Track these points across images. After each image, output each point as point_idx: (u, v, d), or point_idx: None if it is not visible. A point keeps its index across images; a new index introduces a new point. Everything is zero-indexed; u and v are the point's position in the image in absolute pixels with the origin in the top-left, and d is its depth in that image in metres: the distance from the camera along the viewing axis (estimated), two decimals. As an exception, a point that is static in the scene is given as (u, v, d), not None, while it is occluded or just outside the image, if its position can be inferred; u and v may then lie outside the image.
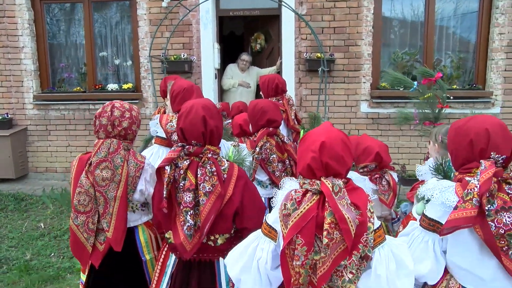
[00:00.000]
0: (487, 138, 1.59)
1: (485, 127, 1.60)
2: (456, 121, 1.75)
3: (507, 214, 1.50)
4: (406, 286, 1.47)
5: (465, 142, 1.63)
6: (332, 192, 1.45)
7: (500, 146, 1.58)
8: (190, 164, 1.83)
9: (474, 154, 1.61)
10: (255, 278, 1.60)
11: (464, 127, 1.65)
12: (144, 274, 2.19)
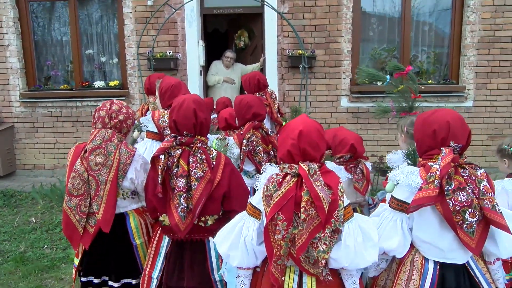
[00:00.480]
0: (448, 129, 1.82)
1: (446, 120, 1.83)
2: (422, 113, 1.98)
3: (461, 193, 1.74)
4: (372, 255, 1.70)
5: (429, 132, 1.86)
6: (308, 174, 1.66)
7: (458, 136, 1.82)
8: (182, 153, 2.03)
9: (436, 143, 1.85)
10: (243, 253, 1.80)
11: (429, 119, 1.88)
12: (135, 258, 2.37)
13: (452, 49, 6.50)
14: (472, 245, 1.75)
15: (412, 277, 1.86)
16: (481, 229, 1.77)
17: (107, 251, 2.31)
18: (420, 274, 1.85)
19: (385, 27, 6.66)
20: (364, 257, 1.69)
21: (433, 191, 1.71)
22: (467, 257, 1.86)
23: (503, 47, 6.25)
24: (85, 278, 2.37)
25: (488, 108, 6.44)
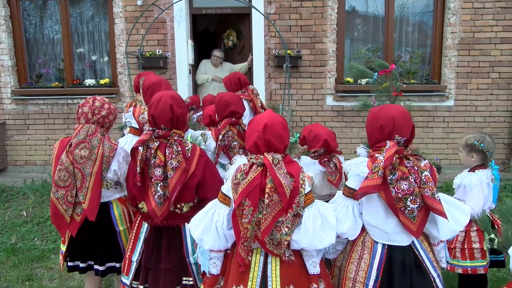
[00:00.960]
0: (393, 123, 2.01)
1: (392, 115, 2.02)
2: (372, 108, 2.15)
3: (404, 182, 1.92)
4: (329, 238, 1.88)
5: (377, 126, 2.05)
6: (272, 164, 1.83)
7: (403, 130, 2.00)
8: (160, 145, 2.19)
9: (383, 136, 2.03)
10: (214, 237, 1.97)
11: (377, 114, 2.06)
12: (119, 243, 2.54)
13: (434, 49, 6.70)
14: (413, 229, 1.94)
15: (363, 256, 2.05)
16: (422, 214, 1.96)
17: (92, 237, 2.47)
18: (370, 253, 2.04)
19: (370, 28, 6.85)
20: (322, 239, 1.86)
21: (377, 180, 1.88)
22: (410, 240, 2.04)
23: (482, 48, 6.46)
24: (72, 263, 2.53)
25: (469, 107, 6.65)
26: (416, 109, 6.64)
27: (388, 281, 2.01)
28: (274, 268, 1.90)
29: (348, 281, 2.09)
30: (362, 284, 2.03)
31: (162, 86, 2.85)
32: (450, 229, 2.03)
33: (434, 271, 2.07)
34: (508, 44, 6.43)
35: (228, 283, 1.96)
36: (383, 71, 3.55)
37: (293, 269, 1.91)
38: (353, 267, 2.09)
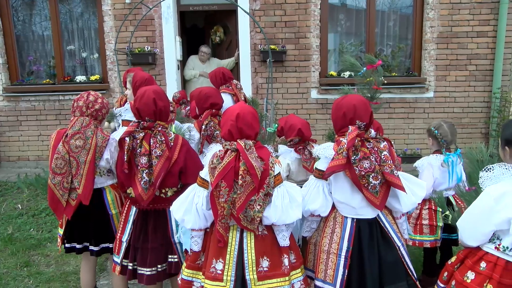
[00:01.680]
0: (354, 111, 2.25)
1: (353, 103, 2.26)
2: (336, 99, 2.39)
3: (366, 161, 2.16)
4: (296, 214, 2.12)
5: (341, 114, 2.29)
6: (244, 149, 2.06)
7: (363, 116, 2.25)
8: (145, 136, 2.40)
9: (346, 122, 2.28)
10: (195, 217, 2.19)
11: (340, 103, 2.31)
12: (111, 226, 2.76)
13: (414, 43, 6.94)
14: (376, 203, 2.19)
15: (335, 230, 2.30)
16: (384, 190, 2.21)
17: (87, 220, 2.69)
18: (341, 227, 2.30)
19: (352, 23, 7.07)
20: (290, 215, 2.10)
21: (341, 160, 2.13)
22: (375, 213, 2.29)
23: (460, 41, 6.71)
24: (69, 245, 2.75)
25: (448, 98, 6.91)
26: (398, 101, 6.92)
27: (359, 251, 2.27)
28: (249, 242, 2.14)
29: (323, 254, 2.33)
30: (335, 255, 2.28)
31: (152, 82, 3.05)
32: (410, 202, 2.30)
33: (399, 240, 2.33)
34: (484, 38, 6.69)
35: (208, 258, 2.19)
36: (370, 66, 3.76)
37: (266, 243, 2.14)
38: (327, 241, 2.33)
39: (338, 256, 2.26)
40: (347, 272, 2.24)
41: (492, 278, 1.99)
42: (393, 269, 2.26)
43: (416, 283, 2.35)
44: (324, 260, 2.30)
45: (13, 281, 3.50)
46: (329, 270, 2.27)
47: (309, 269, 2.44)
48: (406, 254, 2.34)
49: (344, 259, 2.25)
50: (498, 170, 2.03)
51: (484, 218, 1.99)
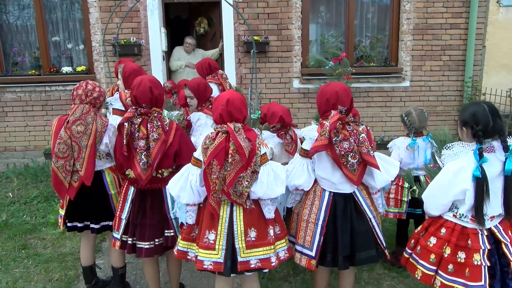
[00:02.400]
0: (337, 96, 2.51)
1: (335, 90, 2.52)
2: (320, 86, 2.64)
3: (346, 143, 2.43)
4: (280, 189, 2.38)
5: (324, 99, 2.54)
6: (234, 131, 2.29)
7: (344, 101, 2.51)
8: (142, 121, 2.61)
9: (329, 107, 2.53)
10: (190, 193, 2.42)
11: (324, 90, 2.56)
12: (110, 205, 2.97)
13: (391, 35, 7.24)
14: (354, 179, 2.46)
15: (314, 202, 2.59)
16: (361, 168, 2.49)
17: (88, 201, 2.89)
18: (320, 200, 2.57)
19: (333, 15, 7.32)
20: (274, 190, 2.35)
21: (324, 141, 2.39)
22: (353, 189, 2.58)
23: (434, 33, 7.04)
24: (71, 224, 2.95)
25: (423, 87, 7.25)
26: (376, 90, 7.23)
27: (333, 221, 2.55)
28: (238, 215, 2.38)
29: (303, 223, 2.62)
30: (313, 224, 2.57)
31: (142, 73, 3.25)
32: (383, 179, 2.59)
33: (371, 213, 2.62)
34: (457, 30, 7.03)
35: (202, 229, 2.43)
36: (336, 59, 4.03)
37: (253, 215, 2.39)
38: (307, 211, 2.61)
39: (316, 225, 2.55)
40: (322, 239, 2.53)
41: (450, 241, 2.29)
42: (364, 238, 2.55)
43: (384, 251, 2.65)
44: (303, 228, 2.59)
45: (13, 262, 3.68)
46: (307, 236, 2.56)
47: (291, 235, 2.72)
48: (377, 226, 2.63)
49: (321, 228, 2.54)
50: (457, 148, 2.32)
51: (444, 190, 2.28)
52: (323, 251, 2.57)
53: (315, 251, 2.56)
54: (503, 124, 2.27)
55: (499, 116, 2.25)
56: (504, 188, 2.24)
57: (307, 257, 2.60)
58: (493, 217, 2.27)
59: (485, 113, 2.22)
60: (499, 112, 2.29)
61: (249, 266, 2.37)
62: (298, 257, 2.64)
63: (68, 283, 3.37)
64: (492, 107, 2.27)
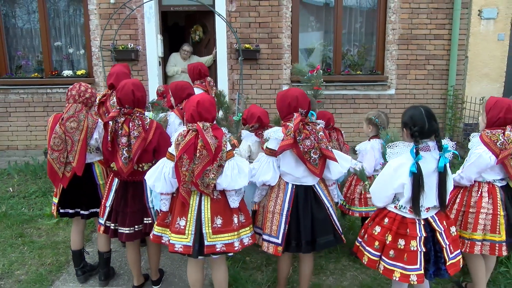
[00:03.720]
0: (297, 100, 2.83)
1: (295, 95, 2.84)
2: (279, 92, 2.96)
3: (307, 141, 2.75)
4: (243, 182, 2.69)
5: (286, 103, 2.86)
6: (202, 129, 2.62)
7: (303, 105, 2.83)
8: (125, 120, 2.94)
9: (291, 110, 2.85)
10: (163, 183, 2.73)
11: (285, 95, 2.88)
12: (98, 194, 3.31)
13: (378, 44, 7.57)
14: (317, 172, 2.79)
15: (279, 195, 2.90)
16: (321, 162, 2.81)
17: (79, 189, 3.23)
18: (283, 192, 2.90)
19: (322, 25, 7.67)
20: (238, 182, 2.67)
21: (290, 140, 2.71)
22: (315, 181, 2.90)
23: (419, 43, 7.37)
24: (63, 210, 3.29)
25: (408, 95, 7.56)
26: (362, 97, 7.55)
27: (296, 211, 2.87)
28: (206, 204, 2.70)
29: (269, 214, 2.92)
30: (278, 214, 2.88)
31: (121, 76, 3.61)
32: (338, 171, 2.92)
33: (328, 202, 2.94)
34: (440, 40, 7.36)
35: (174, 216, 2.75)
36: (312, 70, 4.37)
37: (219, 204, 2.71)
38: (272, 203, 2.92)
39: (281, 215, 2.86)
40: (287, 227, 2.84)
41: (391, 229, 2.60)
42: (323, 224, 2.87)
43: (341, 237, 2.96)
44: (270, 219, 2.90)
45: (10, 248, 4.01)
46: (273, 226, 2.87)
47: (258, 227, 3.03)
48: (334, 214, 2.95)
49: (285, 217, 2.85)
50: (398, 147, 2.63)
51: (386, 184, 2.59)
52: (288, 238, 2.87)
53: (281, 238, 2.86)
54: (438, 126, 2.58)
55: (434, 119, 2.57)
56: (438, 183, 2.55)
57: (274, 244, 2.89)
58: (429, 208, 2.58)
59: (422, 116, 2.54)
60: (435, 116, 2.60)
61: (215, 250, 2.68)
62: (265, 246, 2.93)
63: (59, 267, 3.69)
64: (429, 111, 2.58)
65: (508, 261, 3.50)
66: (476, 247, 2.96)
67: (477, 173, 2.97)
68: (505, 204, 2.95)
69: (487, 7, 7.31)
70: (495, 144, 2.87)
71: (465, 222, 3.02)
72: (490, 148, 2.88)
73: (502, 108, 2.95)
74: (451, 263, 2.61)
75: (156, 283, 3.42)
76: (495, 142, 2.87)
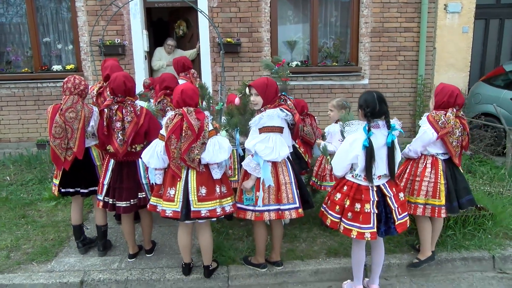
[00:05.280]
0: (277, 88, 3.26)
1: (275, 84, 3.26)
2: (257, 80, 3.36)
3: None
4: (223, 156, 3.14)
5: (273, 89, 3.28)
6: (187, 113, 3.06)
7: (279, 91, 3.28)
8: (118, 107, 3.36)
9: (277, 95, 3.28)
10: (157, 160, 3.17)
11: (269, 83, 3.27)
12: (96, 174, 3.72)
13: (352, 37, 8.06)
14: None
15: (283, 168, 3.34)
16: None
17: (78, 171, 3.63)
18: (285, 165, 3.37)
19: (300, 19, 8.12)
20: (218, 156, 3.12)
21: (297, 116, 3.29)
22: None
23: (390, 36, 7.88)
24: (64, 190, 3.69)
25: (381, 85, 8.08)
26: (337, 87, 8.04)
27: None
28: (192, 176, 3.15)
29: (282, 186, 3.29)
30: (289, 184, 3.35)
31: (114, 69, 4.01)
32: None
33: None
34: (410, 33, 7.89)
35: (165, 187, 3.20)
36: (279, 64, 4.80)
37: (204, 176, 3.16)
38: (282, 177, 3.33)
39: (291, 184, 3.34)
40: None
41: (349, 195, 3.09)
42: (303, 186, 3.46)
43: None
44: (284, 190, 3.30)
45: (15, 227, 4.40)
46: (289, 195, 3.32)
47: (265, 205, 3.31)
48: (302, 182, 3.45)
49: (295, 184, 3.38)
50: (354, 125, 3.11)
51: (344, 156, 3.07)
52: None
53: (298, 202, 3.34)
54: (387, 109, 3.06)
55: (384, 102, 3.04)
56: (387, 155, 3.04)
57: (294, 210, 3.30)
58: (380, 176, 3.07)
59: (373, 99, 3.01)
60: (385, 99, 3.08)
61: (200, 215, 3.14)
62: (287, 214, 3.28)
63: (61, 242, 4.10)
64: (380, 95, 3.05)
65: (456, 226, 4.03)
66: (418, 209, 3.48)
67: (422, 146, 3.48)
68: (446, 174, 3.46)
69: (452, 1, 7.85)
70: (437, 123, 3.38)
71: (412, 189, 3.54)
72: (433, 126, 3.39)
73: (446, 93, 3.45)
74: (399, 223, 3.11)
75: (149, 252, 3.86)
76: (437, 121, 3.38)
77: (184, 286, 3.51)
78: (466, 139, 3.44)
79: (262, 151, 3.13)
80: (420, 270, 3.72)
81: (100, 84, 4.30)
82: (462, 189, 3.49)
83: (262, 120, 3.21)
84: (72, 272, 3.59)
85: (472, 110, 7.65)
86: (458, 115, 3.42)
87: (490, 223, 4.14)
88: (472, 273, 3.78)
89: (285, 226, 4.34)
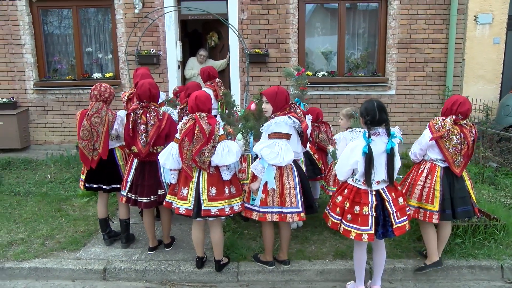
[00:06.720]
0: (288, 95, 3.50)
1: (285, 92, 3.51)
2: (272, 87, 3.59)
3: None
4: (231, 159, 3.39)
5: (283, 97, 3.52)
6: (199, 118, 3.35)
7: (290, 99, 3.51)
8: (143, 112, 3.71)
9: (287, 102, 3.52)
10: (172, 161, 3.48)
11: (279, 91, 3.51)
12: (119, 172, 4.09)
13: (379, 48, 8.16)
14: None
15: (288, 173, 3.54)
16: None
17: (103, 169, 4.02)
18: (291, 170, 3.55)
19: (327, 30, 8.32)
20: (227, 159, 3.38)
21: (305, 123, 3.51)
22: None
23: (417, 47, 7.92)
24: (89, 185, 4.09)
25: (408, 96, 8.11)
26: (364, 97, 8.11)
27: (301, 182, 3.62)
28: (203, 177, 3.43)
29: (286, 190, 3.49)
30: (293, 188, 3.52)
31: (144, 77, 4.39)
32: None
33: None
34: (438, 44, 7.89)
35: (179, 187, 3.50)
36: (298, 73, 5.03)
37: (214, 178, 3.44)
38: (287, 181, 3.52)
39: (295, 189, 3.52)
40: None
41: (349, 198, 3.26)
42: (309, 192, 3.63)
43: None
44: (288, 194, 3.49)
45: (51, 218, 4.88)
46: (292, 199, 3.49)
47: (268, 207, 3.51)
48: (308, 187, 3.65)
49: (299, 189, 3.55)
50: (356, 133, 3.30)
51: (345, 161, 3.26)
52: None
53: (301, 206, 3.52)
54: (387, 117, 3.22)
55: (384, 111, 3.21)
56: (386, 161, 3.20)
57: (297, 213, 3.48)
58: (379, 181, 3.23)
59: (374, 108, 3.19)
60: (386, 109, 3.24)
61: (210, 213, 3.42)
62: (289, 217, 3.47)
63: (90, 233, 4.51)
64: (380, 104, 3.22)
65: (465, 234, 4.08)
66: (410, 211, 3.56)
67: (420, 149, 3.64)
68: (442, 181, 3.56)
69: (482, 12, 7.80)
70: (434, 126, 3.53)
71: (407, 191, 3.70)
72: (430, 130, 3.55)
73: (450, 101, 3.58)
74: (397, 227, 3.25)
75: (167, 246, 4.18)
76: (434, 125, 3.53)
77: (196, 278, 3.78)
78: (466, 148, 3.53)
79: (268, 155, 3.37)
80: (425, 275, 3.80)
81: (131, 91, 4.69)
82: (459, 198, 3.57)
83: (270, 127, 3.44)
84: (97, 260, 3.97)
85: (502, 122, 7.53)
86: (459, 123, 3.52)
87: (501, 233, 4.16)
88: (479, 282, 3.82)
89: (298, 228, 4.56)
